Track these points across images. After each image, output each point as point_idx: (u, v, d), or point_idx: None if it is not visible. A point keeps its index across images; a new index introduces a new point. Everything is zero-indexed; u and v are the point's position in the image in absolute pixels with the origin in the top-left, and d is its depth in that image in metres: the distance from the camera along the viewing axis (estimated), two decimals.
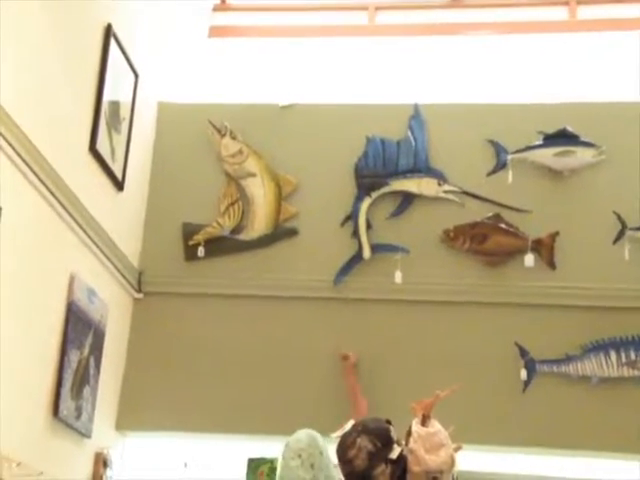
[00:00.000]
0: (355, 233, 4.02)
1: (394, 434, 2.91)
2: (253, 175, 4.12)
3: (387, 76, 4.29)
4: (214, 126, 4.14)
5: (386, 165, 4.07)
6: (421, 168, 4.05)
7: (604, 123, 3.95)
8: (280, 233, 4.09)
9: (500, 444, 3.80)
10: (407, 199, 4.05)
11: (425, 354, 3.87)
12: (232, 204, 4.10)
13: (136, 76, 3.93)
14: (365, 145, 4.08)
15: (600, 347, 3.73)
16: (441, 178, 4.03)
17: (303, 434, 2.93)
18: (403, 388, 3.80)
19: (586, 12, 4.43)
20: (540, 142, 3.95)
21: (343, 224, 4.05)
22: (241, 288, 4.03)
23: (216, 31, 4.59)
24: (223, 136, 4.12)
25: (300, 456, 2.86)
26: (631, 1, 4.36)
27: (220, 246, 4.08)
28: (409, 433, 2.95)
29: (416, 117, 4.09)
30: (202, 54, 4.51)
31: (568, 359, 3.77)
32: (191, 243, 4.06)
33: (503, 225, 3.93)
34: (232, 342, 3.98)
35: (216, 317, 4.03)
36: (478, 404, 3.74)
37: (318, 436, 2.90)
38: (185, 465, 3.99)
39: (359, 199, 4.05)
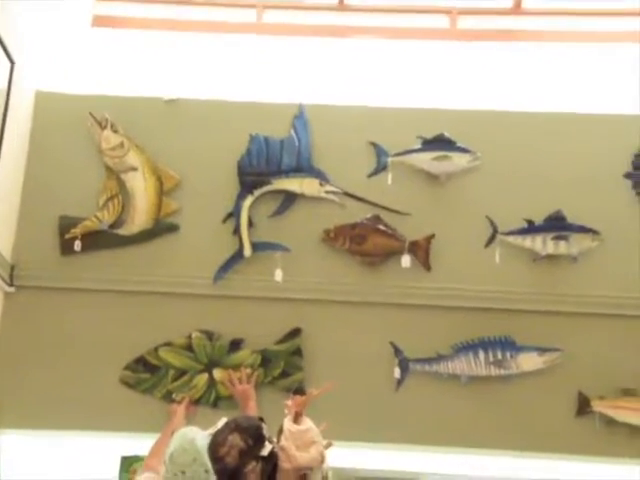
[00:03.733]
0: (236, 231, 4.02)
1: (266, 432, 2.94)
2: (134, 169, 4.05)
3: (273, 75, 4.30)
4: (94, 118, 4.04)
5: (269, 164, 4.08)
6: (304, 168, 4.08)
7: (480, 130, 4.08)
8: (160, 229, 4.05)
9: (373, 441, 3.88)
10: (289, 198, 4.08)
11: (304, 351, 3.91)
12: (111, 198, 4.03)
13: (12, 63, 3.80)
14: (249, 143, 4.08)
15: (469, 347, 3.86)
16: (323, 178, 4.07)
17: (189, 444, 2.86)
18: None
19: (467, 22, 4.57)
20: (419, 146, 4.05)
21: (225, 221, 4.04)
22: (119, 284, 3.98)
23: (100, 21, 4.49)
24: (104, 128, 4.03)
25: (184, 472, 2.80)
26: (508, 13, 4.53)
27: (98, 240, 4.01)
28: (281, 431, 2.99)
29: (300, 117, 4.12)
30: (84, 44, 4.40)
31: (439, 358, 3.88)
32: (67, 237, 3.97)
33: (382, 226, 4.01)
34: (108, 338, 3.92)
35: (92, 313, 3.96)
36: (352, 402, 3.82)
37: (205, 446, 2.82)
38: (58, 462, 3.90)
39: (241, 197, 4.05)
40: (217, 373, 3.91)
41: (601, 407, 3.77)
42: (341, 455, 4.27)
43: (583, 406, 3.79)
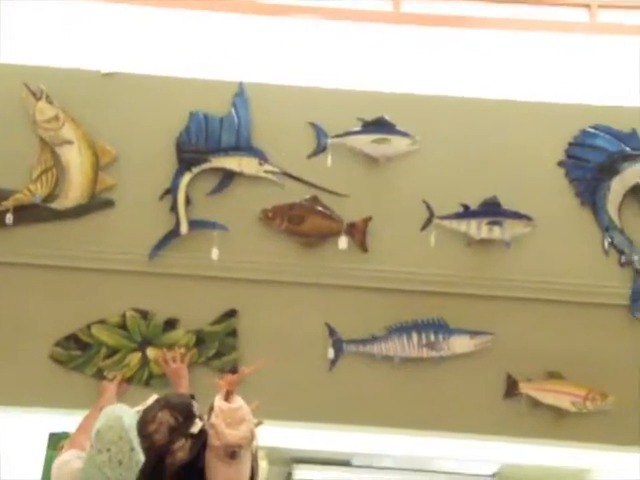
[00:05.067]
0: (173, 208, 3.98)
1: (197, 409, 2.94)
2: (70, 142, 3.97)
3: (214, 52, 4.26)
4: (29, 89, 3.95)
5: (208, 141, 4.04)
6: (243, 146, 4.05)
7: (419, 114, 4.09)
8: (96, 204, 3.98)
9: (305, 420, 3.91)
10: (227, 176, 4.04)
11: (239, 331, 3.92)
12: (45, 171, 3.95)
13: None
14: (188, 120, 4.03)
15: (403, 329, 3.90)
16: (262, 158, 4.04)
17: (116, 422, 2.84)
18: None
19: (411, 6, 4.58)
20: (359, 128, 4.05)
21: (162, 198, 3.99)
22: (52, 259, 3.91)
23: None
24: (38, 100, 3.94)
25: (109, 450, 2.78)
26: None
27: (31, 214, 3.92)
28: (211, 408, 2.99)
29: (240, 95, 4.08)
30: (19, 14, 4.29)
31: (373, 339, 3.91)
32: None
33: (320, 207, 4.01)
34: (40, 314, 3.86)
35: (24, 287, 3.89)
36: (285, 381, 3.83)
37: (132, 424, 2.82)
38: None
39: (179, 174, 4.01)
40: (151, 352, 3.89)
41: (528, 389, 3.84)
42: (275, 435, 4.31)
43: (511, 388, 3.86)
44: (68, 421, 3.61)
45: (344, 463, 5.56)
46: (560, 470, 5.37)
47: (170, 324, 3.91)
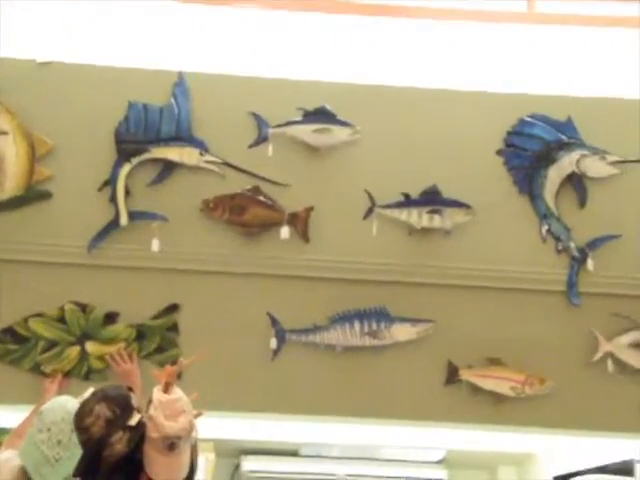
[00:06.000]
0: (113, 199, 3.93)
1: (135, 401, 2.92)
2: (4, 133, 3.89)
3: (153, 41, 4.21)
4: None
5: (147, 131, 3.99)
6: (183, 137, 4.01)
7: (360, 104, 4.09)
8: (32, 195, 3.91)
9: (248, 410, 3.91)
10: (168, 167, 4.00)
11: (180, 322, 3.89)
12: None
13: None
14: (127, 110, 3.98)
15: (345, 318, 3.91)
16: (203, 148, 4.01)
17: (59, 405, 2.83)
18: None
19: None
20: (300, 118, 4.05)
21: (100, 189, 3.94)
22: None
23: None
24: None
25: (49, 430, 2.76)
26: None
27: None
28: (150, 401, 2.97)
29: (180, 85, 4.04)
30: None
31: (316, 329, 3.91)
32: None
33: (261, 197, 4.00)
34: None
35: None
36: (228, 372, 3.82)
37: (75, 409, 2.81)
38: None
39: (118, 164, 3.95)
40: (90, 346, 3.84)
41: (468, 376, 3.89)
42: (222, 426, 4.30)
43: (452, 375, 3.90)
44: (4, 416, 3.56)
45: (292, 453, 5.58)
46: (505, 455, 5.47)
47: (110, 318, 3.86)
